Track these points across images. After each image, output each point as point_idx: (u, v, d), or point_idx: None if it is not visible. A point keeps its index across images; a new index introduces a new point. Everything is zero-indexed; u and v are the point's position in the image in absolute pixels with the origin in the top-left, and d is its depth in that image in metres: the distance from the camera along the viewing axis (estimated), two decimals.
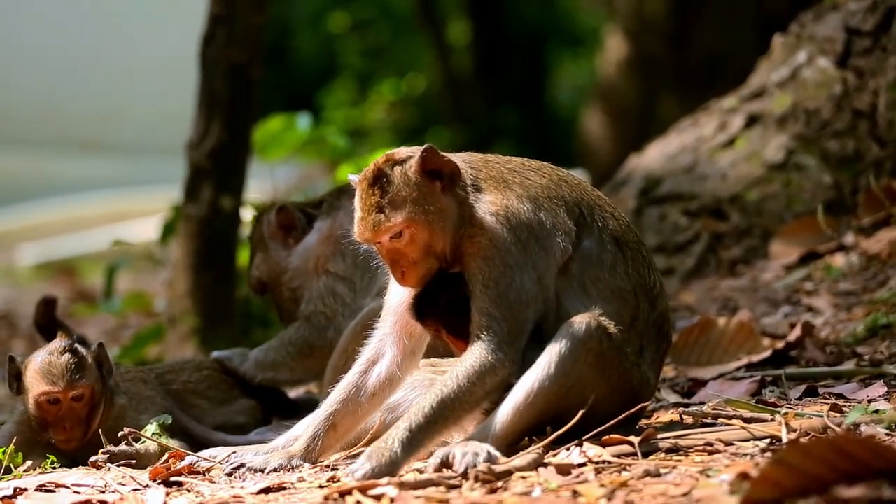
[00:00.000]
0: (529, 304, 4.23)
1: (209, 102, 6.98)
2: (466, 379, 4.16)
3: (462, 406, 4.16)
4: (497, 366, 4.18)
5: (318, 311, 5.44)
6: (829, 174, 7.34)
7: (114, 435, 4.91)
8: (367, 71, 20.58)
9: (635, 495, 3.64)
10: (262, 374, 5.52)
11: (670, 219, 7.63)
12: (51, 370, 4.90)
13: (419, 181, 4.27)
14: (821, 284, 6.67)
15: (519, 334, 4.22)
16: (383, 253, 4.34)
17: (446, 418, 4.14)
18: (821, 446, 3.29)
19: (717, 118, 7.96)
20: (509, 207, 4.28)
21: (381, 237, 4.28)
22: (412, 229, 4.26)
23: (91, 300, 11.52)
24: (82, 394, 4.92)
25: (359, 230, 4.31)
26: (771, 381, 5.29)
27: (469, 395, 4.16)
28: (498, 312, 4.21)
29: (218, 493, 4.14)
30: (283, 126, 8.18)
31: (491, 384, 4.18)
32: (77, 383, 4.90)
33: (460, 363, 4.20)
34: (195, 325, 6.83)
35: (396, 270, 4.32)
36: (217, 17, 6.98)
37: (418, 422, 4.11)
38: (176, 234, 7.19)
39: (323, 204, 5.62)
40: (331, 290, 5.42)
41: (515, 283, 4.21)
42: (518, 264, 4.23)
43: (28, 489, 4.37)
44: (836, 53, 7.51)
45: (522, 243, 4.25)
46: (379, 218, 4.25)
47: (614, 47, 14.60)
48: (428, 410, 4.13)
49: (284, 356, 5.48)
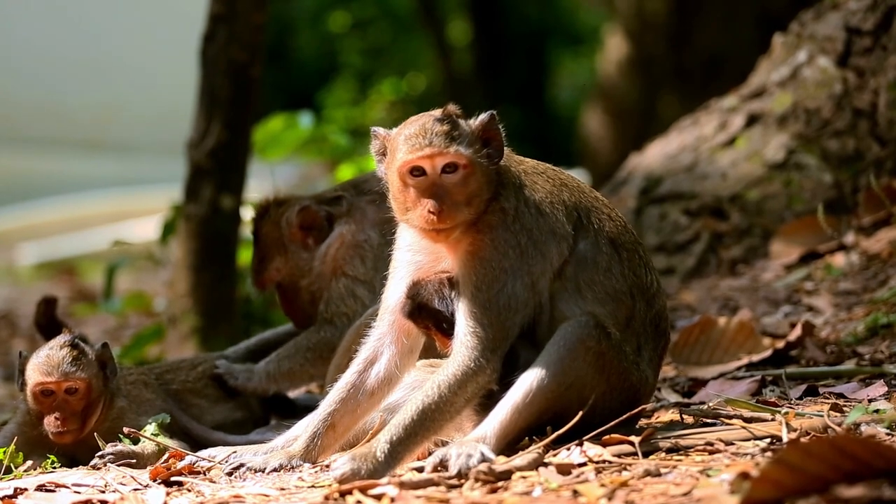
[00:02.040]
0: (518, 311, 4.24)
1: (210, 101, 6.98)
2: (448, 388, 4.18)
3: (443, 415, 4.19)
4: (478, 373, 4.20)
5: (341, 312, 5.34)
6: (829, 173, 7.34)
7: (112, 437, 4.91)
8: (367, 70, 20.59)
9: (636, 495, 3.64)
10: (275, 386, 5.44)
11: (671, 218, 7.62)
12: (48, 362, 4.92)
13: (477, 138, 4.28)
14: (821, 284, 6.67)
15: (503, 341, 4.23)
16: (425, 185, 4.23)
17: (427, 428, 4.17)
18: (821, 446, 3.29)
19: (718, 117, 7.96)
20: (518, 210, 4.29)
21: (442, 160, 4.22)
22: (469, 170, 4.23)
23: (91, 300, 11.52)
24: (76, 387, 4.92)
25: (417, 146, 4.21)
26: (771, 380, 5.29)
27: (450, 404, 4.19)
28: (485, 318, 4.22)
29: (218, 493, 4.14)
30: (283, 125, 8.18)
31: (472, 391, 4.21)
32: (72, 376, 4.90)
33: (442, 370, 4.22)
34: (195, 324, 6.83)
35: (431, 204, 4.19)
36: (218, 16, 6.98)
37: (399, 433, 4.14)
38: (176, 233, 7.19)
39: (342, 201, 5.46)
40: (351, 292, 5.34)
41: (507, 288, 4.23)
42: (513, 269, 4.24)
43: (28, 489, 4.37)
44: (836, 53, 7.51)
45: (521, 248, 4.26)
46: (448, 142, 4.21)
47: (615, 47, 14.60)
48: (409, 421, 4.15)
49: (303, 363, 5.39)
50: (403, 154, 4.22)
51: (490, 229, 4.27)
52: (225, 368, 5.45)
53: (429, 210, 4.18)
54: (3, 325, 11.30)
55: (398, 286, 4.45)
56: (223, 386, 5.42)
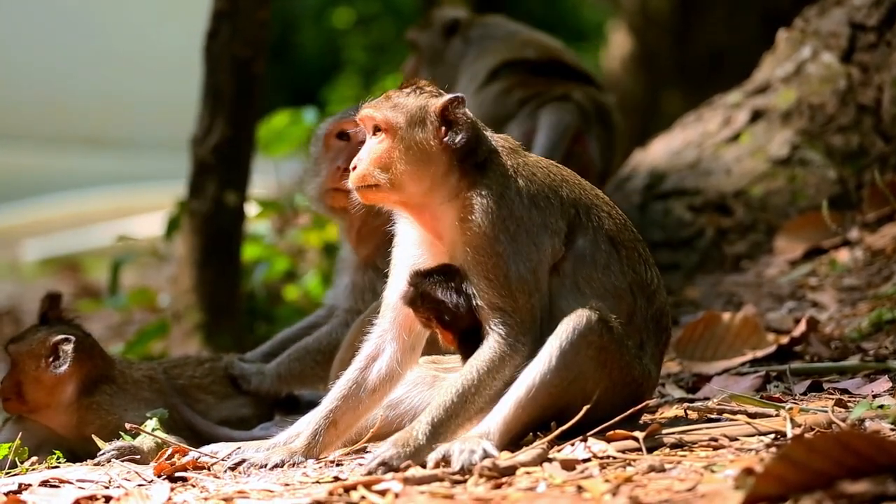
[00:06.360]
0: (531, 293, 4.25)
1: (213, 98, 6.98)
2: (487, 371, 4.20)
3: (482, 397, 4.20)
4: (514, 355, 4.22)
5: (355, 308, 5.31)
6: (833, 169, 7.32)
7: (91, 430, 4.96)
8: (371, 66, 20.55)
9: (640, 490, 3.64)
10: (286, 387, 5.42)
11: (675, 214, 7.62)
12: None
13: (430, 117, 4.30)
14: (825, 280, 6.66)
15: (532, 323, 4.25)
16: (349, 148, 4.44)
17: (468, 410, 4.19)
18: (825, 442, 3.29)
19: (722, 113, 7.95)
20: (503, 196, 4.28)
21: (366, 118, 4.35)
22: (390, 136, 4.29)
23: (96, 296, 11.52)
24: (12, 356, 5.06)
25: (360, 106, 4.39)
26: (775, 376, 5.29)
27: (488, 386, 4.20)
28: (506, 304, 4.23)
29: (223, 489, 4.14)
30: (287, 121, 8.19)
31: (510, 373, 4.22)
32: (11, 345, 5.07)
33: (478, 355, 4.23)
34: (200, 320, 6.84)
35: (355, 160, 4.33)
36: (221, 12, 6.99)
37: (439, 415, 4.16)
38: (180, 229, 7.19)
39: None
40: (372, 287, 5.30)
41: (512, 270, 4.23)
42: (509, 253, 4.23)
43: (32, 484, 4.37)
44: (840, 48, 7.50)
45: (510, 234, 4.25)
46: (380, 102, 4.34)
47: (619, 43, 14.59)
48: (449, 403, 4.17)
49: (314, 366, 5.36)
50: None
51: (473, 214, 4.25)
52: (238, 371, 5.44)
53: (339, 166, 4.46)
54: (7, 322, 11.30)
55: (399, 282, 4.45)
56: (239, 388, 5.42)
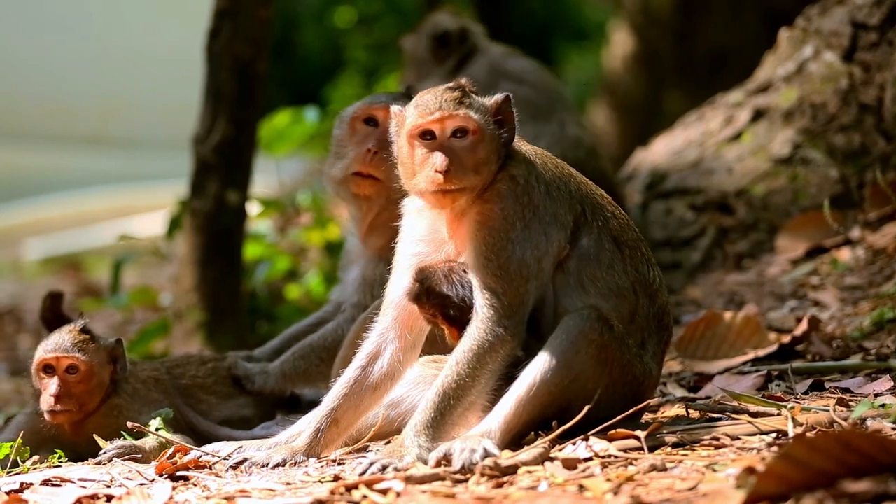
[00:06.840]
0: (530, 279, 4.25)
1: (215, 97, 6.98)
2: (466, 363, 4.19)
3: (468, 390, 4.18)
4: (496, 343, 4.20)
5: (362, 303, 5.28)
6: (835, 168, 7.32)
7: (105, 433, 4.93)
8: (373, 65, 20.55)
9: (641, 489, 3.64)
10: (291, 386, 5.41)
11: (676, 213, 7.62)
12: (55, 340, 5.00)
13: (491, 115, 4.32)
14: (827, 279, 6.66)
15: (520, 307, 4.23)
16: (434, 147, 4.25)
17: (454, 406, 4.17)
18: (827, 441, 3.29)
19: (723, 112, 7.95)
20: (528, 182, 4.31)
21: (452, 123, 4.26)
22: (478, 136, 4.27)
23: (97, 295, 11.51)
24: (77, 366, 4.96)
25: (428, 110, 4.26)
26: (777, 375, 5.29)
27: (472, 378, 4.18)
28: (498, 286, 4.22)
29: (224, 488, 4.14)
30: (289, 120, 8.19)
31: (494, 362, 4.20)
32: (72, 353, 4.94)
33: (459, 346, 4.23)
34: (201, 319, 6.84)
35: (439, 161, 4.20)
36: (223, 11, 6.99)
37: (428, 417, 4.16)
38: (182, 228, 7.19)
39: None
40: (382, 280, 5.25)
41: (516, 254, 4.23)
42: (520, 239, 4.25)
43: (34, 483, 4.37)
44: (842, 47, 7.49)
45: (526, 222, 4.27)
46: (458, 106, 4.26)
47: (620, 42, 14.58)
48: (433, 404, 4.17)
49: (318, 364, 5.34)
50: (413, 119, 4.27)
51: (500, 198, 4.28)
52: (242, 371, 5.43)
53: (436, 169, 4.19)
54: (9, 321, 11.31)
55: (401, 279, 4.45)
56: (243, 389, 5.41)
